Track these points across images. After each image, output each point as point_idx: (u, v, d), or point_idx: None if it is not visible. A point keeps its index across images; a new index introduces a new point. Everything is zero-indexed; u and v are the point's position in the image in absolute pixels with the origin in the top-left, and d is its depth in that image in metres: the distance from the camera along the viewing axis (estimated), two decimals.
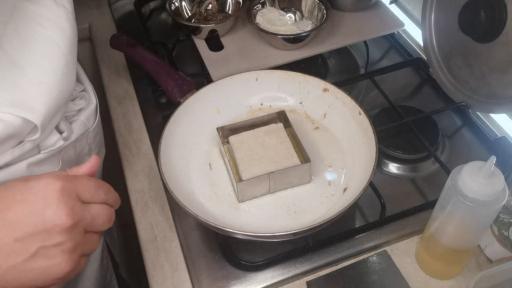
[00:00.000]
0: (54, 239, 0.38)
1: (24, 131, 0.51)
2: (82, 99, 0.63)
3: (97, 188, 0.43)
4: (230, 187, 0.69)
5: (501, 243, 0.60)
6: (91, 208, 0.42)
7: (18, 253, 0.38)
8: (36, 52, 0.51)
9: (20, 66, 0.50)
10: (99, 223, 0.42)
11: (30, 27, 0.52)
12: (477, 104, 0.77)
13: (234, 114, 0.78)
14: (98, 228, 0.43)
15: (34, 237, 0.38)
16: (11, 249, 0.37)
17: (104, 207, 0.43)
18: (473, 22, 0.71)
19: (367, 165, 0.64)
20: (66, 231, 0.38)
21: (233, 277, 0.63)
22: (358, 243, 0.66)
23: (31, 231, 0.38)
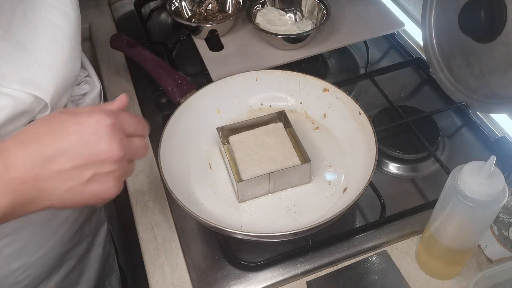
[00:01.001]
0: (106, 168, 0.44)
1: (34, 109, 0.53)
2: (87, 84, 0.66)
3: (138, 123, 0.48)
4: (230, 187, 0.69)
5: (501, 243, 0.60)
6: (134, 141, 0.47)
7: (75, 179, 0.43)
8: (43, 36, 0.54)
9: (28, 48, 0.53)
10: (139, 154, 0.48)
11: (37, 13, 0.55)
12: (477, 104, 0.77)
13: (234, 114, 0.78)
14: (137, 157, 0.49)
15: (89, 166, 0.43)
16: (69, 174, 0.43)
17: (142, 140, 0.49)
18: (473, 22, 0.71)
19: (367, 165, 0.64)
20: (117, 161, 0.44)
21: (233, 277, 0.63)
22: (358, 243, 0.66)
23: (86, 161, 0.43)
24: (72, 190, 0.44)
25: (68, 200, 0.44)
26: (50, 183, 0.42)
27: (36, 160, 0.41)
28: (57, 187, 0.43)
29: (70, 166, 0.42)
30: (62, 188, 0.43)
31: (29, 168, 0.41)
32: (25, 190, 0.41)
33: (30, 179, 0.41)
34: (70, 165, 0.42)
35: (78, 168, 0.43)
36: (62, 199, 0.44)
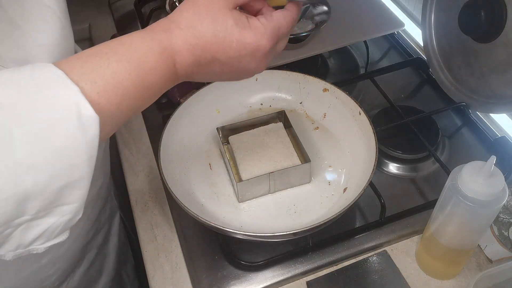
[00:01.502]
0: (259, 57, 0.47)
1: None
2: None
3: (292, 25, 0.49)
4: (230, 187, 0.69)
5: (501, 243, 0.60)
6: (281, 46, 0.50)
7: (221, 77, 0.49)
8: (34, 15, 0.54)
9: (21, 28, 0.52)
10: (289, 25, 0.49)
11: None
12: (477, 104, 0.77)
13: (234, 114, 0.78)
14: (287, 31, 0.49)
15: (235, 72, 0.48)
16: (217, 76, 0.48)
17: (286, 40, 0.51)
18: (473, 22, 0.71)
19: (367, 165, 0.64)
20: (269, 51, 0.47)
21: (233, 277, 0.63)
22: (358, 243, 0.66)
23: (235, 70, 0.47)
24: (228, 76, 0.49)
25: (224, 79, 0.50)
26: (201, 77, 0.48)
27: (197, 63, 0.45)
28: (205, 79, 0.49)
29: (219, 71, 0.47)
30: (207, 78, 0.49)
31: (190, 69, 0.45)
32: (181, 78, 0.46)
33: (189, 73, 0.46)
34: (220, 70, 0.46)
35: (226, 73, 0.47)
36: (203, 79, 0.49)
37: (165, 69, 0.44)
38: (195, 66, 0.45)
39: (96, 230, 0.76)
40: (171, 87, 0.47)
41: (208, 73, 0.47)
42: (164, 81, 0.44)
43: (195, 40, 0.44)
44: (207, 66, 0.46)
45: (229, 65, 0.46)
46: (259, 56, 0.47)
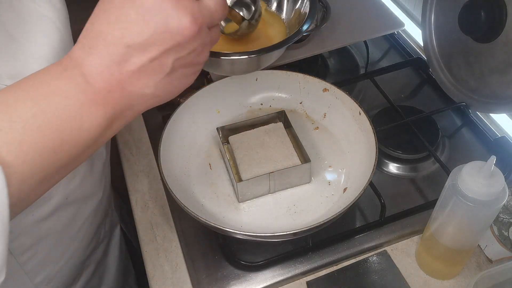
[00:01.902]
0: (186, 48, 0.39)
1: None
2: None
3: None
4: (230, 187, 0.69)
5: (501, 243, 0.60)
6: (206, 4, 0.40)
7: (158, 71, 0.39)
8: (32, 27, 0.52)
9: (17, 41, 0.50)
10: (218, 16, 0.41)
11: (23, 4, 0.52)
12: (477, 104, 0.77)
13: (234, 114, 0.78)
14: (218, 20, 0.42)
15: (166, 54, 0.38)
16: (150, 69, 0.38)
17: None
18: (473, 22, 0.71)
19: (367, 165, 0.64)
20: (195, 37, 0.38)
21: (233, 277, 0.63)
22: (358, 243, 0.66)
23: (162, 49, 0.37)
24: (161, 84, 0.39)
25: (162, 95, 0.41)
26: (135, 84, 0.38)
27: (110, 63, 0.37)
28: (144, 86, 0.39)
29: (147, 59, 0.37)
30: (150, 86, 0.39)
31: (108, 75, 0.37)
32: (115, 99, 0.38)
33: (114, 87, 0.37)
34: (147, 58, 0.37)
35: (156, 58, 0.38)
36: (157, 97, 0.40)
37: (75, 88, 0.37)
38: (113, 66, 0.37)
39: (95, 245, 0.74)
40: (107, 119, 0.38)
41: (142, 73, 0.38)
42: (78, 104, 0.36)
43: (91, 40, 0.37)
44: (128, 62, 0.37)
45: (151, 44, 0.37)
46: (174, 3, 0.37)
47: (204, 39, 0.40)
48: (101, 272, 0.79)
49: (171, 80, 0.40)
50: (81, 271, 0.72)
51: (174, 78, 0.40)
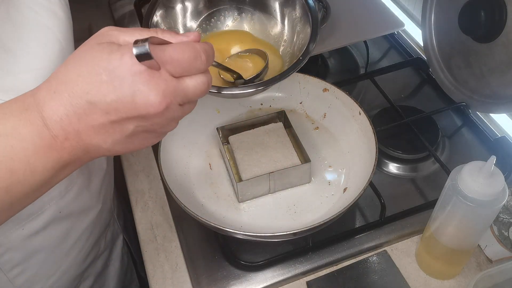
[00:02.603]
0: (149, 121, 0.38)
1: None
2: None
3: (192, 61, 0.38)
4: (230, 187, 0.69)
5: (501, 243, 0.60)
6: (185, 85, 0.39)
7: (118, 133, 0.38)
8: (29, 38, 0.50)
9: (12, 52, 0.48)
10: (195, 96, 0.40)
11: (22, 13, 0.50)
12: (477, 104, 0.77)
13: (234, 114, 0.78)
14: (195, 99, 0.41)
15: (128, 121, 0.37)
16: (109, 128, 0.37)
17: (199, 79, 0.39)
18: (473, 22, 0.71)
19: (367, 165, 0.64)
20: (160, 114, 0.37)
21: (233, 277, 0.63)
22: (358, 243, 0.66)
23: (125, 116, 0.37)
24: (120, 143, 0.39)
25: (119, 150, 0.40)
26: (93, 138, 0.38)
27: (71, 114, 0.36)
28: (102, 142, 0.38)
29: (108, 121, 0.37)
30: (108, 142, 0.38)
31: (66, 124, 0.36)
32: (70, 147, 0.37)
33: (71, 135, 0.37)
34: (107, 120, 0.37)
35: (117, 122, 0.37)
36: (113, 150, 0.40)
37: (32, 131, 0.36)
38: (73, 118, 0.36)
39: (94, 258, 0.72)
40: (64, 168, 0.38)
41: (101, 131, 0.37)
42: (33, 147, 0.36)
43: (59, 85, 0.36)
44: (88, 117, 0.36)
45: (114, 109, 0.36)
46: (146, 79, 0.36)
47: (172, 115, 0.39)
48: (101, 283, 0.77)
49: (132, 140, 0.39)
50: (78, 284, 0.70)
51: (135, 140, 0.40)
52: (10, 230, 0.54)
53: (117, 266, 0.81)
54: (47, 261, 0.61)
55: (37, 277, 0.60)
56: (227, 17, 0.69)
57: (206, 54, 0.39)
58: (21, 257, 0.57)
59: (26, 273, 0.59)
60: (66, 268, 0.64)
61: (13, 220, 0.53)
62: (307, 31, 0.62)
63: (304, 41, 0.61)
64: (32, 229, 0.56)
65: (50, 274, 0.62)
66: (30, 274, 0.59)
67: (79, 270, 0.68)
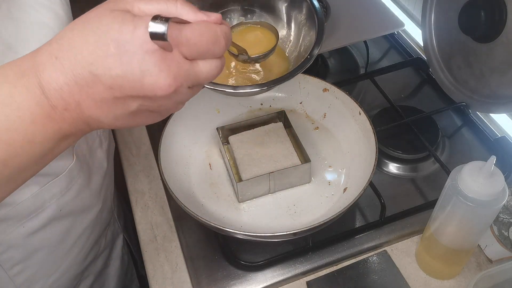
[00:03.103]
0: (155, 102, 0.36)
1: None
2: None
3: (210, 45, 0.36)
4: (230, 187, 0.69)
5: (501, 243, 0.60)
6: (198, 69, 0.36)
7: (120, 109, 0.36)
8: (31, 36, 0.50)
9: (14, 50, 0.48)
10: (207, 80, 0.38)
11: (23, 11, 0.50)
12: (477, 104, 0.77)
13: (234, 114, 0.78)
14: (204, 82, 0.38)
15: (133, 99, 0.35)
16: (111, 104, 0.35)
17: (214, 64, 0.37)
18: (473, 22, 0.71)
19: (367, 165, 0.64)
20: (167, 96, 0.35)
21: (233, 277, 0.63)
22: (358, 243, 0.66)
23: (129, 94, 0.34)
24: (122, 118, 0.37)
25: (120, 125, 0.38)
26: (94, 111, 0.35)
27: (72, 83, 0.34)
28: (103, 116, 0.36)
29: (111, 96, 0.34)
30: (110, 117, 0.36)
31: (67, 93, 0.34)
32: (70, 118, 0.35)
33: (71, 106, 0.34)
34: (110, 95, 0.34)
35: (121, 99, 0.35)
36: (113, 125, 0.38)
37: (29, 99, 0.33)
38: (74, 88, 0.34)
39: (94, 257, 0.72)
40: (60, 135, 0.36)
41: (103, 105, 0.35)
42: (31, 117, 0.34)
43: (62, 50, 0.34)
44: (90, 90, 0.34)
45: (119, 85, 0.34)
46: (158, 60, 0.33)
47: (180, 98, 0.37)
48: (101, 283, 0.77)
49: (134, 117, 0.37)
50: (78, 283, 0.70)
51: (137, 117, 0.37)
52: (11, 228, 0.54)
53: (117, 265, 0.81)
54: (48, 259, 0.61)
55: (37, 276, 0.60)
56: (233, 19, 0.68)
57: (226, 39, 0.37)
58: (22, 255, 0.57)
59: (27, 272, 0.59)
60: (67, 267, 0.65)
61: (13, 218, 0.54)
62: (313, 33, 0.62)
63: (310, 43, 0.61)
64: (33, 227, 0.56)
65: (51, 272, 0.63)
66: (30, 273, 0.59)
67: (80, 269, 0.68)
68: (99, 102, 0.35)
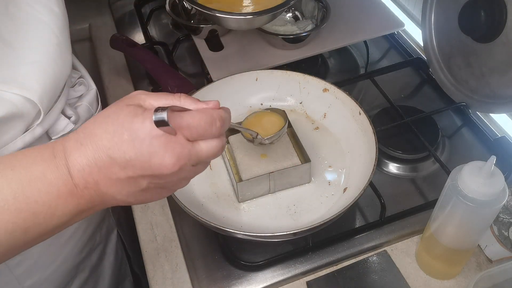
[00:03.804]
0: (162, 179, 0.42)
1: (28, 113, 0.51)
2: (82, 85, 0.64)
3: (207, 128, 0.42)
4: (230, 187, 0.69)
5: (501, 243, 0.60)
6: (199, 149, 0.42)
7: (133, 186, 0.41)
8: (28, 32, 0.52)
9: (12, 46, 0.50)
10: (209, 158, 0.44)
11: (20, 9, 0.52)
12: (477, 104, 0.77)
13: (234, 114, 0.77)
14: (206, 160, 0.44)
15: (143, 178, 0.41)
16: (126, 182, 0.41)
17: (214, 144, 0.43)
18: (473, 22, 0.71)
19: (367, 165, 0.64)
20: (173, 174, 0.41)
21: (233, 277, 0.63)
22: (358, 243, 0.66)
23: (140, 173, 0.40)
24: (134, 195, 0.43)
25: (132, 201, 0.44)
26: (110, 189, 0.41)
27: (93, 165, 0.40)
28: (118, 193, 0.42)
29: (125, 176, 0.40)
30: (123, 194, 0.42)
31: (87, 174, 0.40)
32: (88, 195, 0.41)
33: (91, 184, 0.40)
34: (124, 174, 0.40)
35: (133, 178, 0.41)
36: (126, 201, 0.43)
37: (58, 177, 0.39)
38: (94, 169, 0.40)
39: (89, 250, 0.73)
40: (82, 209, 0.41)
41: (118, 183, 0.41)
42: (57, 192, 0.39)
43: (86, 138, 0.40)
44: (108, 170, 0.40)
45: (132, 166, 0.40)
46: (163, 143, 0.40)
47: (184, 175, 0.43)
48: (96, 276, 0.78)
49: (144, 194, 0.43)
50: (74, 275, 0.71)
51: (148, 193, 0.43)
52: None
53: (112, 259, 0.82)
54: (45, 252, 0.62)
55: (36, 266, 0.62)
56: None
57: (222, 121, 0.43)
58: None
59: (26, 263, 0.60)
60: (64, 258, 0.66)
61: None
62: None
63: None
64: None
65: (48, 264, 0.64)
66: (28, 264, 0.60)
67: (76, 261, 0.70)
68: (114, 180, 0.40)
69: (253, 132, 0.61)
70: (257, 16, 0.70)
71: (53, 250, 0.63)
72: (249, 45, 0.90)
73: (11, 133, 0.51)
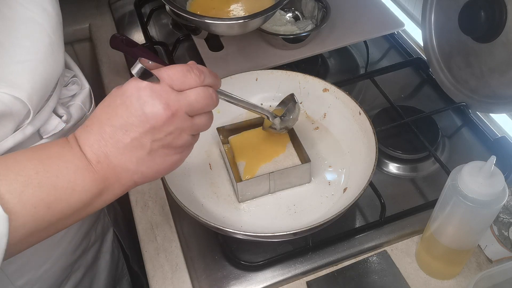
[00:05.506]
0: (162, 131, 0.44)
1: (18, 112, 0.50)
2: (75, 84, 0.64)
3: (185, 73, 0.45)
4: (230, 187, 0.69)
5: (501, 243, 0.60)
6: (186, 95, 0.45)
7: (139, 149, 0.44)
8: (19, 32, 0.52)
9: (2, 45, 0.50)
10: (200, 106, 0.46)
11: (12, 8, 0.52)
12: (477, 104, 0.77)
13: (234, 114, 0.78)
14: (201, 110, 0.47)
15: (144, 134, 0.43)
16: (131, 146, 0.44)
17: (199, 90, 0.46)
18: (473, 22, 0.71)
19: (367, 165, 0.64)
20: (169, 121, 0.43)
21: (233, 277, 0.63)
22: (358, 243, 0.66)
23: (141, 130, 0.43)
24: (143, 161, 0.45)
25: (146, 171, 0.46)
26: (120, 158, 0.44)
27: (99, 139, 0.43)
28: (128, 161, 0.44)
29: (129, 138, 0.43)
30: (133, 160, 0.44)
31: (97, 148, 0.43)
32: (103, 169, 0.43)
33: (102, 158, 0.43)
34: (128, 137, 0.43)
35: (136, 138, 0.43)
36: (140, 173, 0.45)
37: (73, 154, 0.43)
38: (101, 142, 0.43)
39: (84, 249, 0.73)
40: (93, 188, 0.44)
41: (125, 151, 0.44)
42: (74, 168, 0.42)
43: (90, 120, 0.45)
44: (113, 140, 0.43)
45: (130, 124, 0.43)
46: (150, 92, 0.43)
47: (180, 124, 0.45)
48: (91, 276, 0.78)
49: (153, 158, 0.45)
50: (68, 275, 0.71)
51: (156, 157, 0.45)
52: None
53: (108, 259, 0.82)
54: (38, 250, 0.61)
55: (29, 265, 0.61)
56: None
57: (199, 70, 0.46)
58: None
59: (17, 262, 0.60)
60: (57, 258, 0.66)
61: None
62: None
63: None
64: None
65: (41, 263, 0.64)
66: (20, 263, 0.60)
67: (69, 260, 0.69)
68: (122, 149, 0.44)
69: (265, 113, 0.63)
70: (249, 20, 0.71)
71: (46, 248, 0.63)
72: (249, 45, 0.90)
73: (2, 131, 0.50)
